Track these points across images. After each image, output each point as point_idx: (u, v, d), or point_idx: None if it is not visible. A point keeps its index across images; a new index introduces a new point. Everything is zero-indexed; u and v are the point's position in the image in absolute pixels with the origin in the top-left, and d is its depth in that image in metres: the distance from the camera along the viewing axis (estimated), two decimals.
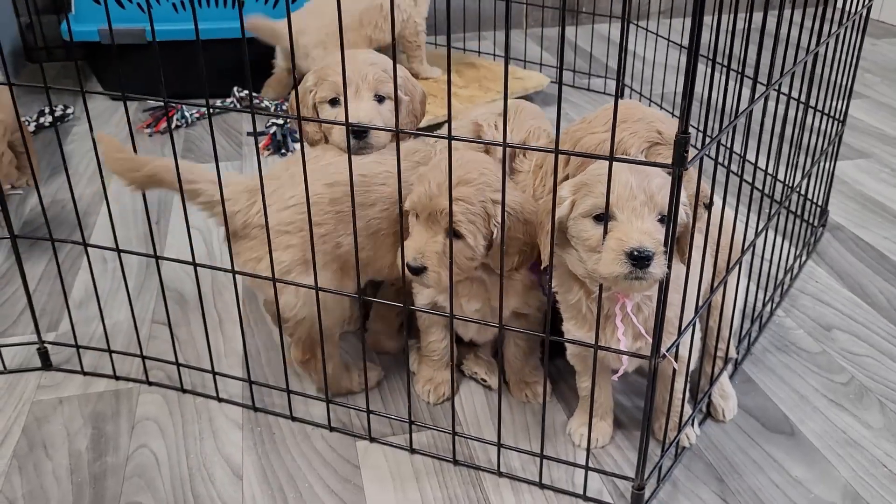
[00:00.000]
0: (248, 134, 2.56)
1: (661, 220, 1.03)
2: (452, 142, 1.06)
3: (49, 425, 1.38)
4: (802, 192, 1.82)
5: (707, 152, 1.03)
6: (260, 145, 2.44)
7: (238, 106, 2.68)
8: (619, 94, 0.95)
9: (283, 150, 2.42)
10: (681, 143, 0.93)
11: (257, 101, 2.64)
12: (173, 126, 2.56)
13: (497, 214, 1.20)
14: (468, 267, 1.23)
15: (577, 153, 1.06)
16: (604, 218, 1.03)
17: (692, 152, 0.95)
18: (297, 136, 2.49)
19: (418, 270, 1.20)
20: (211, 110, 1.16)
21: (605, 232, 1.03)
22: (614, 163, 1.00)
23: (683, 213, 1.06)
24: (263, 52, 2.65)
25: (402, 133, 1.10)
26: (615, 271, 1.01)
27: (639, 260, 0.99)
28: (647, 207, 1.02)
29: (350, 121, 1.18)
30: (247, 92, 2.71)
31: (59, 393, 1.45)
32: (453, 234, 1.18)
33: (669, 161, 0.95)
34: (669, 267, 1.01)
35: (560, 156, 1.05)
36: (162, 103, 2.56)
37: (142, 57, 2.58)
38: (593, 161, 1.14)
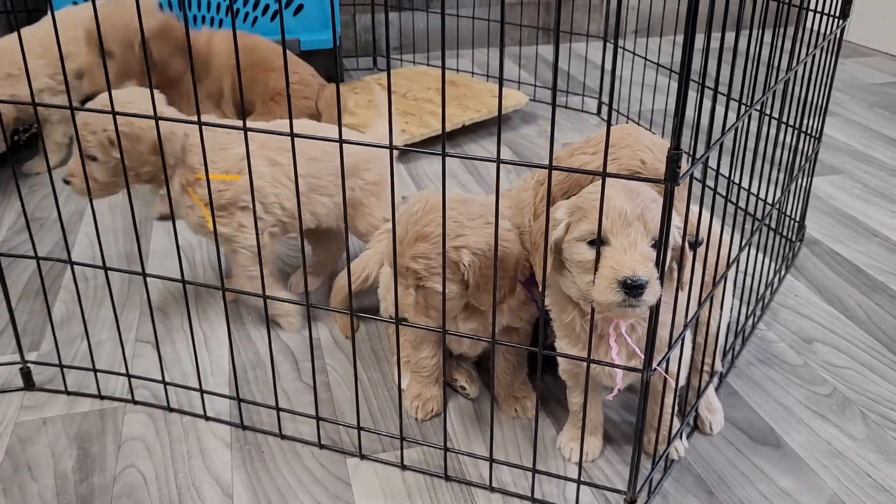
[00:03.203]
0: None
1: (654, 246, 1.04)
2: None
3: (33, 446, 1.35)
4: (780, 208, 1.85)
5: (695, 170, 1.05)
6: None
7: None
8: (609, 119, 0.96)
9: None
10: (673, 158, 0.95)
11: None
12: None
13: (463, 258, 1.22)
14: (449, 308, 1.25)
15: (570, 168, 1.08)
16: (597, 243, 1.04)
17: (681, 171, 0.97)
18: None
19: (403, 319, 1.24)
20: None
21: (598, 256, 1.04)
22: (610, 189, 1.01)
23: (676, 234, 1.07)
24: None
25: (395, 149, 1.11)
26: (609, 298, 1.02)
27: (632, 288, 1.00)
28: (640, 234, 1.03)
29: None
30: None
31: (43, 413, 1.43)
32: (421, 286, 1.23)
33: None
34: (661, 284, 1.03)
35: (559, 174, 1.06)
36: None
37: None
38: (589, 181, 1.15)
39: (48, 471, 1.30)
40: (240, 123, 1.14)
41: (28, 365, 1.48)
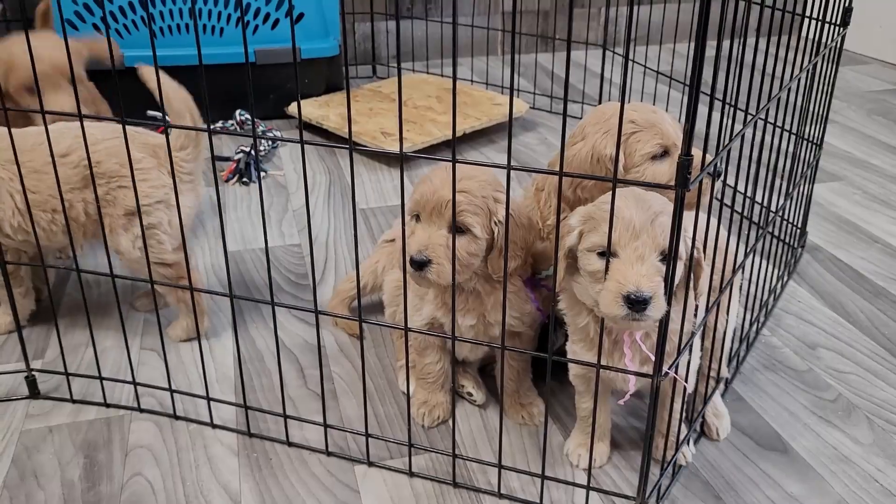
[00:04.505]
0: (219, 159, 2.52)
1: (663, 260, 1.05)
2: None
3: (39, 455, 1.35)
4: (783, 215, 1.86)
5: (704, 174, 1.05)
6: (222, 173, 2.42)
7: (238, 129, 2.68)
8: (620, 131, 0.97)
9: (244, 179, 2.39)
10: (684, 164, 0.95)
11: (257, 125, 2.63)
12: None
13: (498, 212, 1.22)
14: (470, 263, 1.24)
15: (581, 175, 1.08)
16: (607, 255, 1.05)
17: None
18: (262, 165, 2.48)
19: (422, 264, 1.19)
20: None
21: (607, 269, 1.05)
22: (621, 199, 1.02)
23: (685, 248, 1.07)
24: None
25: (406, 156, 1.11)
26: (613, 312, 1.03)
27: (635, 303, 1.01)
28: (648, 247, 1.04)
29: None
30: (248, 115, 2.70)
31: (49, 421, 1.43)
32: (458, 228, 1.20)
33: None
34: (669, 303, 1.03)
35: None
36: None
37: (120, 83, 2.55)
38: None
39: (55, 479, 1.30)
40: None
41: (33, 373, 1.47)
